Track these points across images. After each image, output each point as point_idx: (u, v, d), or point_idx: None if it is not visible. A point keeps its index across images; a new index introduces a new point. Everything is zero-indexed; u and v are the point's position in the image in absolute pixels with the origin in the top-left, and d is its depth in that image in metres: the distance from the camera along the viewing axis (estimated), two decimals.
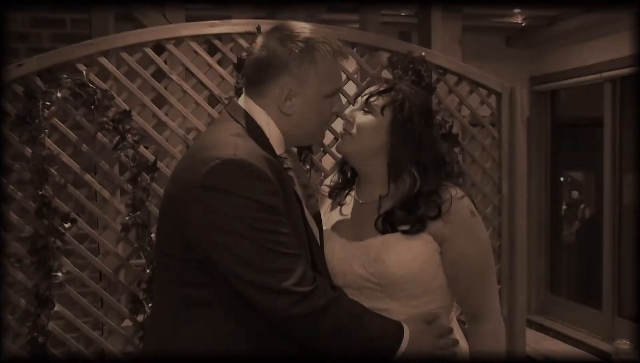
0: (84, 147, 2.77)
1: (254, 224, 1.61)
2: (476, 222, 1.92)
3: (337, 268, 1.94)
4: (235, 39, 2.89)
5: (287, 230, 1.65)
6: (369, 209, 1.96)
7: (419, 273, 1.86)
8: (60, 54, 2.71)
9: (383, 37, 3.12)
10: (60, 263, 2.71)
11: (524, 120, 3.30)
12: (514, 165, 3.28)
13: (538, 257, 6.16)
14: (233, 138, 1.68)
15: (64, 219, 2.70)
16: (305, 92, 1.76)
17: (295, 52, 1.73)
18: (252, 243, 1.61)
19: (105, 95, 2.72)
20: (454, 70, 3.19)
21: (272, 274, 1.62)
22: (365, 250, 1.90)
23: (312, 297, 1.64)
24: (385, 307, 1.88)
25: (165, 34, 2.81)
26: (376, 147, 1.91)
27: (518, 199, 3.28)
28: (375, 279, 1.88)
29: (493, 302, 1.94)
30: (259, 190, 1.61)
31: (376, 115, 1.90)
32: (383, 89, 1.93)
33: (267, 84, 1.75)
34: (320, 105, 1.79)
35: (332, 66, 1.78)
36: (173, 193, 1.72)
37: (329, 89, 1.79)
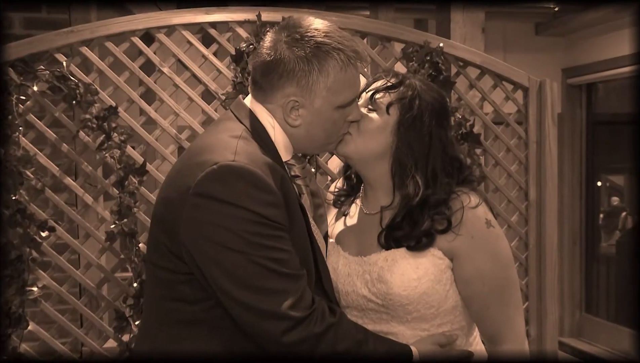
0: (64, 146, 2.80)
1: (249, 238, 1.61)
2: (493, 233, 1.88)
3: (340, 286, 1.94)
4: (233, 27, 2.92)
5: (287, 247, 1.66)
6: (373, 221, 1.95)
7: (427, 294, 1.84)
8: (36, 42, 2.72)
9: (396, 27, 3.16)
10: (35, 277, 2.73)
11: (555, 117, 3.34)
12: (543, 168, 3.32)
13: (572, 271, 6.14)
14: (234, 140, 1.69)
15: (40, 227, 2.71)
16: (313, 103, 1.77)
17: (303, 59, 1.72)
18: (246, 259, 1.62)
19: (88, 90, 2.75)
20: (476, 62, 3.23)
21: (265, 295, 1.63)
22: (368, 267, 1.89)
23: (309, 323, 1.64)
24: (392, 330, 1.88)
25: (155, 22, 2.83)
26: (380, 150, 1.89)
27: (548, 206, 3.32)
28: (379, 300, 1.87)
29: (514, 324, 1.90)
30: (258, 200, 1.62)
31: (381, 114, 1.88)
32: (390, 84, 1.90)
33: (273, 91, 1.77)
34: (331, 116, 1.79)
35: (345, 76, 1.76)
36: (166, 197, 1.75)
37: (342, 100, 1.78)
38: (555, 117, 3.35)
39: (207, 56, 2.93)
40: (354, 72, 1.79)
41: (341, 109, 1.80)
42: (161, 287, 1.78)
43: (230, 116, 1.82)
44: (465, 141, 3.15)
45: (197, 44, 2.93)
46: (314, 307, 1.67)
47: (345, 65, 1.75)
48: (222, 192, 1.62)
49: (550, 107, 3.32)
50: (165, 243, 1.72)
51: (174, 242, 1.69)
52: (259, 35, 2.83)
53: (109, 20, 2.82)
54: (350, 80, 1.78)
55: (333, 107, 1.78)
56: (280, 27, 1.79)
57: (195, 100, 2.94)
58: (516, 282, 1.96)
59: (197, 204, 1.64)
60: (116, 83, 2.85)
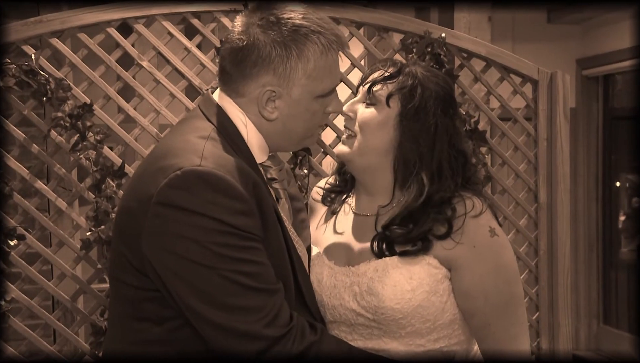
0: (34, 147, 2.80)
1: (217, 250, 1.58)
2: (497, 243, 1.85)
3: (325, 299, 1.91)
4: (218, 18, 2.93)
5: (259, 259, 1.64)
6: (367, 224, 1.93)
7: (422, 307, 1.80)
8: (1, 33, 2.70)
9: (395, 16, 3.15)
10: (3, 290, 2.72)
11: (567, 112, 3.36)
12: (554, 167, 3.35)
13: (588, 279, 6.15)
14: (202, 142, 1.66)
15: (9, 235, 2.71)
16: (291, 93, 1.73)
17: (280, 44, 1.68)
18: (214, 273, 1.59)
19: (60, 85, 2.75)
20: (481, 53, 3.24)
21: (237, 313, 1.60)
22: (357, 278, 1.86)
23: (286, 342, 1.62)
24: (384, 347, 1.85)
25: (133, 12, 2.83)
26: (383, 147, 1.87)
27: (559, 208, 3.34)
28: (370, 315, 1.84)
29: (518, 344, 1.87)
30: (227, 209, 1.59)
31: (381, 108, 1.86)
32: (388, 74, 1.87)
33: (246, 81, 1.73)
34: (311, 107, 1.76)
35: (326, 61, 1.73)
36: (127, 206, 1.72)
37: (322, 89, 1.76)
38: (568, 112, 3.36)
39: (190, 49, 2.94)
40: (334, 57, 1.76)
41: (321, 98, 1.77)
42: (125, 305, 1.75)
43: (198, 114, 1.80)
44: (470, 139, 3.16)
45: (179, 35, 2.92)
46: (291, 324, 1.64)
47: (326, 49, 1.72)
48: (186, 200, 1.59)
49: (562, 101, 3.34)
50: (127, 256, 1.69)
51: (136, 256, 1.66)
52: None
53: (81, 10, 2.80)
54: (330, 66, 1.75)
55: (313, 96, 1.75)
56: (252, 9, 1.75)
57: (178, 96, 2.94)
58: (521, 297, 1.92)
59: (159, 214, 1.60)
60: (91, 78, 2.84)
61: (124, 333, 1.76)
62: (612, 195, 6.26)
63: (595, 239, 6.18)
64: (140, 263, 1.66)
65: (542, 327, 3.36)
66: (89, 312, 2.89)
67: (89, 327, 2.88)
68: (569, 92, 3.37)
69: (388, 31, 3.15)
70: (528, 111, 3.41)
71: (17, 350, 2.79)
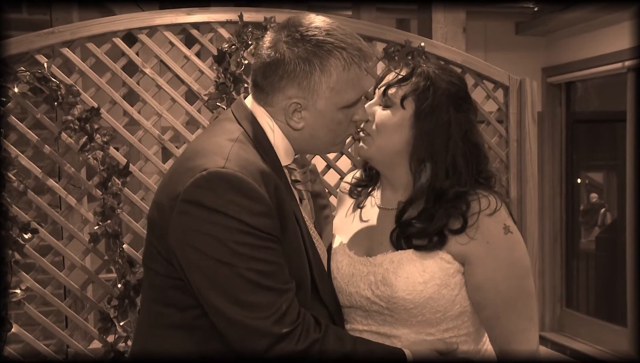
0: (46, 148, 2.77)
1: (235, 248, 1.56)
2: (510, 240, 1.79)
3: (343, 286, 1.87)
4: (215, 28, 2.90)
5: (275, 259, 1.61)
6: (388, 217, 1.89)
7: (433, 299, 1.76)
8: (16, 43, 2.69)
9: (378, 27, 3.14)
10: (19, 279, 2.70)
11: (535, 115, 3.33)
12: (524, 166, 3.32)
13: (553, 267, 6.18)
14: (229, 144, 1.64)
15: (23, 229, 2.69)
16: (316, 105, 1.70)
17: (304, 59, 1.66)
18: (231, 270, 1.57)
19: (70, 91, 2.72)
20: (457, 61, 3.22)
21: (248, 309, 1.57)
22: (373, 269, 1.82)
23: (292, 339, 1.59)
24: (396, 333, 1.82)
25: (137, 23, 2.81)
26: (400, 147, 1.82)
27: (528, 204, 3.32)
28: (383, 303, 1.80)
29: (526, 337, 1.81)
30: (247, 209, 1.57)
31: (396, 110, 1.81)
32: (401, 77, 1.82)
33: (274, 93, 1.71)
34: (336, 117, 1.73)
35: (349, 75, 1.69)
36: (158, 201, 1.71)
37: (346, 100, 1.72)
38: (536, 116, 3.34)
39: (189, 57, 2.92)
40: (357, 70, 1.71)
41: (346, 109, 1.73)
42: (153, 290, 1.75)
43: (230, 116, 1.77)
44: None
45: (179, 44, 2.90)
46: (297, 321, 1.61)
47: (349, 64, 1.69)
48: (210, 199, 1.57)
49: (530, 106, 3.32)
50: (156, 246, 1.70)
51: (164, 246, 1.66)
52: (241, 36, 2.81)
53: (90, 21, 2.79)
54: (353, 79, 1.71)
55: (337, 107, 1.71)
56: (281, 27, 1.73)
57: (178, 100, 2.92)
58: (532, 292, 1.84)
59: (184, 211, 1.59)
60: (98, 84, 2.82)
61: (150, 316, 1.76)
62: (574, 191, 6.29)
63: (559, 231, 6.21)
64: (167, 253, 1.65)
65: None
66: (97, 299, 2.86)
67: (97, 313, 2.85)
68: (536, 97, 3.36)
69: (372, 40, 3.12)
70: (500, 114, 3.39)
71: (32, 335, 2.76)
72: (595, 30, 5.55)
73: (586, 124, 6.31)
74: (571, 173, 6.23)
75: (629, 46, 5.21)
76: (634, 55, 5.17)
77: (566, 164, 6.18)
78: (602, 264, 6.25)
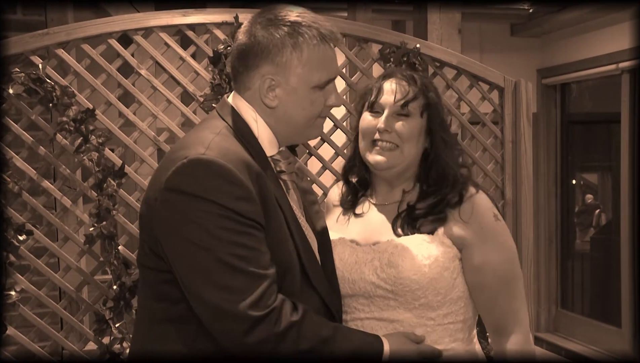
0: (41, 149, 2.75)
1: (215, 232, 1.58)
2: (500, 226, 1.95)
3: (346, 275, 1.94)
4: (210, 29, 2.88)
5: (254, 244, 1.62)
6: (386, 210, 2.02)
7: (436, 280, 1.85)
8: (11, 44, 2.66)
9: (374, 28, 3.12)
10: (14, 281, 2.68)
11: (530, 117, 3.31)
12: (519, 167, 3.30)
13: (548, 268, 6.16)
14: (211, 135, 1.67)
15: (18, 231, 2.67)
16: (289, 82, 1.74)
17: (276, 37, 1.71)
18: (209, 254, 1.58)
19: (65, 92, 2.70)
20: (452, 63, 3.20)
21: (225, 292, 1.57)
22: (378, 254, 1.91)
23: (268, 323, 1.59)
24: (398, 317, 1.89)
25: (132, 24, 2.79)
26: (419, 150, 1.98)
27: (523, 204, 3.29)
28: (388, 286, 1.88)
29: (521, 316, 1.93)
30: (228, 194, 1.59)
31: (416, 118, 1.96)
32: (415, 92, 1.97)
33: (249, 73, 1.75)
34: (308, 96, 1.76)
35: (320, 53, 1.74)
36: (146, 196, 1.73)
37: (318, 79, 1.75)
38: (531, 117, 3.33)
39: (185, 58, 2.90)
40: (328, 50, 1.77)
41: (318, 89, 1.77)
42: (147, 287, 1.76)
43: (214, 114, 1.82)
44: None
45: (174, 45, 2.88)
46: (274, 305, 1.60)
47: (319, 41, 1.74)
48: (189, 185, 1.60)
49: (526, 107, 3.31)
50: (147, 241, 1.71)
51: (152, 239, 1.67)
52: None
53: (85, 22, 2.77)
54: (324, 57, 1.76)
55: (309, 86, 1.75)
56: (255, 15, 1.78)
57: (174, 102, 2.90)
58: (521, 276, 2.00)
59: (166, 199, 1.62)
60: (93, 85, 2.80)
61: (146, 313, 1.78)
62: (569, 192, 6.28)
63: (554, 232, 6.19)
64: (155, 246, 1.67)
65: None
66: (92, 301, 2.84)
67: (92, 315, 2.84)
68: (531, 98, 3.34)
69: (367, 42, 3.11)
70: (495, 116, 3.38)
71: (27, 337, 2.73)
72: (589, 32, 5.56)
73: (581, 125, 6.31)
74: (566, 174, 6.23)
75: (623, 48, 5.21)
76: (629, 57, 5.17)
77: (561, 165, 6.18)
78: (597, 265, 6.24)
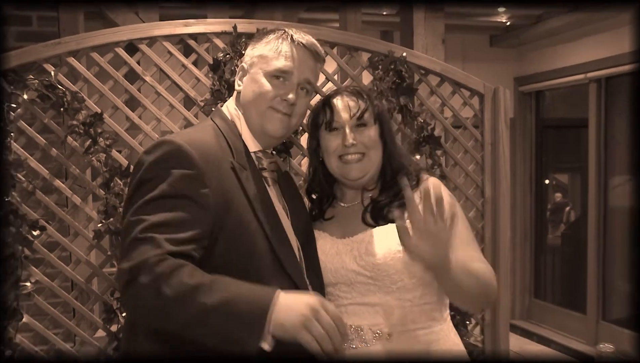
0: (53, 151, 2.73)
1: (141, 199, 1.60)
2: (453, 198, 2.02)
3: (328, 265, 1.97)
4: (211, 39, 2.86)
5: (162, 219, 1.56)
6: (355, 209, 2.05)
7: (410, 264, 1.85)
8: (26, 53, 2.64)
9: (363, 37, 3.10)
10: (29, 273, 2.66)
11: (507, 121, 3.30)
12: (497, 168, 3.28)
13: (522, 261, 6.19)
14: (192, 130, 1.78)
15: (32, 227, 2.65)
16: (251, 69, 1.89)
17: (256, 38, 1.92)
18: (127, 217, 1.62)
19: (75, 97, 2.68)
20: (436, 70, 3.18)
21: (124, 253, 1.57)
22: (356, 244, 1.94)
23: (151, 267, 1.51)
24: (378, 301, 1.92)
25: (138, 34, 2.76)
26: (381, 155, 2.03)
27: (501, 202, 3.28)
28: (368, 272, 1.91)
29: (481, 258, 1.94)
30: (170, 172, 1.61)
31: (373, 127, 2.01)
32: (366, 103, 2.02)
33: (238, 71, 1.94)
34: (259, 80, 1.86)
35: (273, 45, 1.87)
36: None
37: (271, 66, 1.85)
38: (508, 121, 3.31)
39: (186, 65, 2.87)
40: (283, 44, 1.87)
41: (271, 77, 1.86)
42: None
43: (208, 118, 1.92)
44: (427, 143, 3.11)
45: (177, 54, 2.86)
46: (151, 259, 1.52)
47: (276, 38, 1.88)
48: (147, 157, 1.66)
49: (504, 112, 3.29)
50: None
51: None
52: (235, 46, 2.77)
53: (94, 32, 2.75)
54: (277, 49, 1.87)
55: (263, 72, 1.86)
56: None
57: (176, 106, 2.88)
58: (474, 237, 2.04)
59: (132, 172, 1.73)
60: (102, 91, 2.78)
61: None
62: (542, 191, 6.30)
63: (529, 228, 6.21)
64: None
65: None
66: (101, 292, 2.82)
67: (101, 304, 2.82)
68: (508, 104, 3.33)
69: (357, 50, 3.08)
70: (475, 120, 3.36)
71: (42, 324, 2.72)
72: (561, 44, 5.60)
73: (553, 130, 6.34)
74: (540, 174, 6.26)
75: (590, 59, 5.26)
76: (596, 68, 5.22)
77: (535, 166, 6.21)
78: (566, 258, 6.27)
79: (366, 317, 1.93)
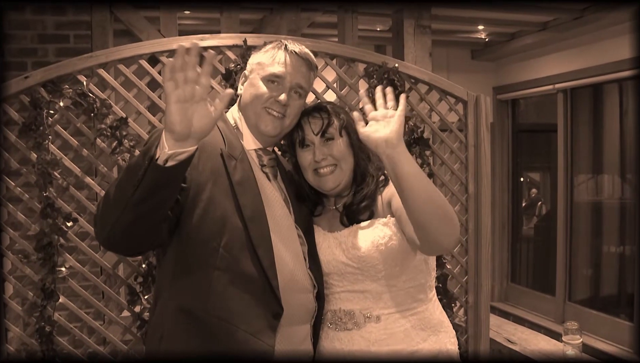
0: (85, 151, 2.71)
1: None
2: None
3: (322, 257, 1.95)
4: (223, 51, 2.82)
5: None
6: (334, 212, 2.03)
7: (391, 254, 1.85)
8: (62, 66, 2.64)
9: (360, 50, 3.05)
10: (63, 259, 2.66)
11: (488, 125, 3.25)
12: (479, 167, 3.23)
13: (501, 249, 6.17)
14: None
15: (66, 218, 2.64)
16: (250, 75, 1.91)
17: (257, 48, 1.94)
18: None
19: (104, 104, 2.66)
20: (425, 80, 3.13)
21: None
22: (343, 239, 1.92)
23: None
24: (367, 288, 1.90)
25: (159, 47, 2.73)
26: (352, 162, 1.96)
27: (483, 198, 3.22)
28: (354, 264, 1.89)
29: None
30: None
31: (339, 139, 1.94)
32: (329, 118, 1.95)
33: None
34: (256, 84, 1.87)
35: (274, 54, 1.87)
36: None
37: (267, 72, 1.86)
38: (489, 126, 3.26)
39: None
40: (277, 53, 1.88)
41: (266, 81, 1.86)
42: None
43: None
44: (417, 145, 3.06)
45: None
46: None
47: (272, 48, 1.90)
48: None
49: (485, 117, 3.23)
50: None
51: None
52: (245, 57, 2.72)
53: (121, 47, 2.72)
54: (272, 57, 1.88)
55: (259, 76, 1.87)
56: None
57: None
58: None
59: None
60: (127, 98, 2.75)
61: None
62: (518, 188, 6.29)
63: (507, 220, 6.20)
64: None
65: (469, 286, 3.24)
66: (126, 277, 2.79)
67: (126, 288, 2.79)
68: (489, 110, 3.27)
69: (354, 61, 3.03)
70: (460, 124, 3.30)
71: (75, 304, 2.70)
72: (533, 58, 5.64)
73: (527, 133, 6.34)
74: (516, 173, 6.25)
75: (558, 72, 5.32)
76: (563, 80, 5.27)
77: (512, 166, 6.20)
78: (539, 247, 6.25)
79: (357, 302, 1.93)
